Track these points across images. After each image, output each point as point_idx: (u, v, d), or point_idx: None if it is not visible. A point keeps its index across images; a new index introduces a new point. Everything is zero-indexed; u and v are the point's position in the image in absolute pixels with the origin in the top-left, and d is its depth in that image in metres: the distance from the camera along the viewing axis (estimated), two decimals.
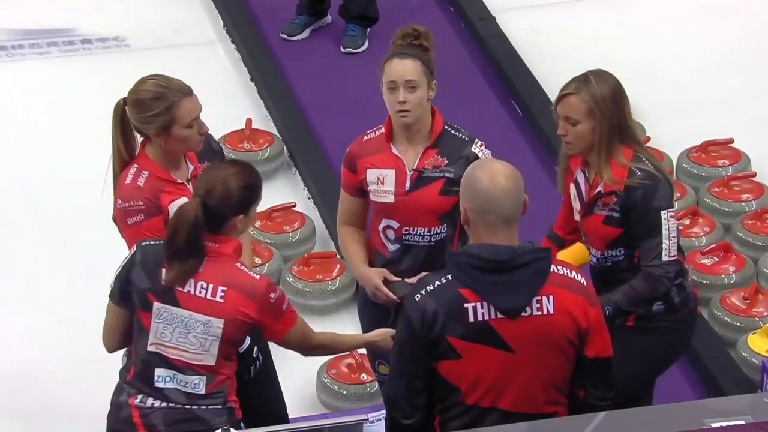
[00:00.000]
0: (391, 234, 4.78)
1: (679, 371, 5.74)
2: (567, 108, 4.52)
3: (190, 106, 4.52)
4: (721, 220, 6.37)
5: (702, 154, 6.66)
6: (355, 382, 5.65)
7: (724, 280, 6.08)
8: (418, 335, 3.98)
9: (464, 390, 4.00)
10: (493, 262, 3.95)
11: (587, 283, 4.08)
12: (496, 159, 4.19)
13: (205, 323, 4.25)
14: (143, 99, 4.52)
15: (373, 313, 4.87)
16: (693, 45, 7.45)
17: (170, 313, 4.25)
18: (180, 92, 4.52)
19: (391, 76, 4.68)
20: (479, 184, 3.98)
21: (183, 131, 4.52)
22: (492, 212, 3.96)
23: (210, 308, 4.25)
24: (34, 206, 6.43)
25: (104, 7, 7.67)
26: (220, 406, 4.32)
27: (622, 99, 4.54)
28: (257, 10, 7.62)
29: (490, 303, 3.95)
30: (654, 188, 4.50)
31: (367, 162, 4.77)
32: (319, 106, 7.04)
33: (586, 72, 4.60)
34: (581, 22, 7.63)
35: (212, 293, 4.24)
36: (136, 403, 4.30)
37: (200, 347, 4.27)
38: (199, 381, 4.29)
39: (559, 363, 4.03)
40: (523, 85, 7.08)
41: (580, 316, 4.01)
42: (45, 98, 7.15)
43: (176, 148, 4.56)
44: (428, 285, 3.99)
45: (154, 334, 4.26)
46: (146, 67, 7.38)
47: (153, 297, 4.25)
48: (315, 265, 6.13)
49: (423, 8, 7.65)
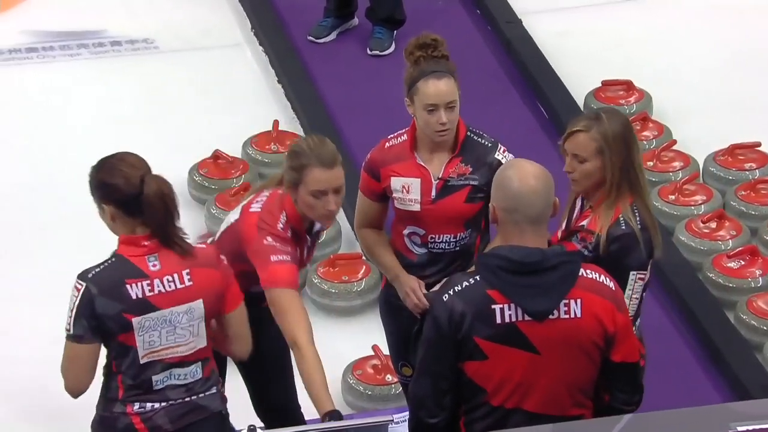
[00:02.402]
0: (417, 239, 4.79)
1: (704, 375, 5.74)
2: (575, 145, 4.48)
3: (320, 177, 4.46)
4: (747, 223, 6.36)
5: (729, 158, 6.65)
6: (380, 383, 5.67)
7: (751, 284, 6.07)
8: (445, 335, 3.99)
9: (490, 391, 4.02)
10: (521, 264, 3.96)
11: (616, 288, 4.08)
12: (527, 160, 4.19)
13: (187, 311, 4.26)
14: (294, 150, 4.56)
15: (394, 313, 4.88)
16: (720, 47, 7.44)
17: (152, 320, 4.24)
18: (318, 159, 4.48)
19: (432, 99, 4.63)
20: (510, 184, 4.00)
21: (307, 197, 4.48)
22: (520, 212, 3.98)
23: (185, 295, 4.26)
24: (63, 207, 6.47)
25: (133, 9, 7.71)
26: (215, 390, 4.37)
27: (632, 140, 4.47)
28: (285, 12, 7.64)
29: (517, 305, 3.97)
30: (630, 248, 4.42)
31: (391, 170, 4.76)
32: (345, 108, 7.06)
33: (598, 110, 4.56)
34: (607, 25, 7.63)
35: (180, 280, 4.25)
36: (135, 410, 4.30)
37: (190, 335, 4.28)
38: (196, 368, 4.32)
39: (585, 366, 4.03)
40: (549, 88, 7.08)
41: (608, 321, 4.01)
42: (75, 100, 7.19)
43: (301, 209, 4.53)
44: (456, 285, 4.01)
45: (143, 347, 4.26)
46: (175, 69, 7.50)
47: (129, 315, 4.23)
48: (341, 266, 6.15)
49: (449, 11, 7.66)
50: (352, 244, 6.34)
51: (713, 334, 5.87)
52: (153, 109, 7.11)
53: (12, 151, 6.86)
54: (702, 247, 6.23)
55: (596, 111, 4.59)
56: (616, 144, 4.43)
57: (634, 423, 3.94)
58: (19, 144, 6.91)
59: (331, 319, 6.07)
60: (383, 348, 5.49)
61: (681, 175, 6.59)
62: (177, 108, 7.06)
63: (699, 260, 6.20)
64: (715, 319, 5.93)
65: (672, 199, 6.42)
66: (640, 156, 4.51)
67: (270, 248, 4.47)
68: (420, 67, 4.66)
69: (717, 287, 6.07)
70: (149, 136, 6.89)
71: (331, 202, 4.50)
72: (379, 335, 5.28)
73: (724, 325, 5.90)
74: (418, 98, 4.65)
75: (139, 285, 4.24)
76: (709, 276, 6.10)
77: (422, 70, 4.65)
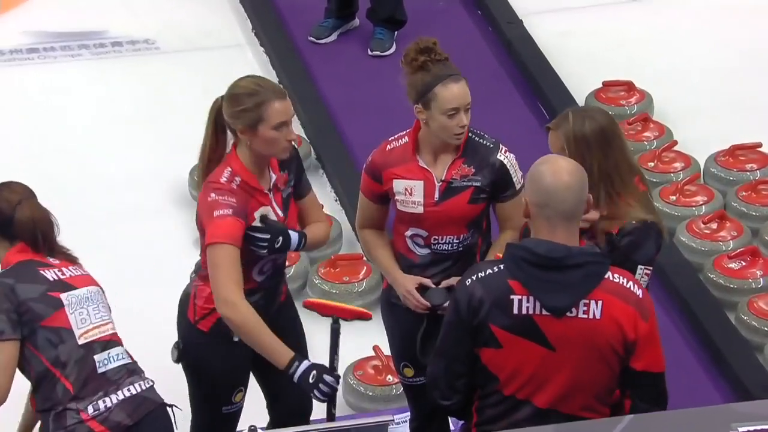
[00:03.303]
0: (419, 241, 4.78)
1: (705, 375, 5.74)
2: (549, 141, 4.47)
3: (280, 108, 4.53)
4: (748, 224, 6.36)
5: (730, 158, 6.65)
6: (381, 384, 5.67)
7: (752, 284, 6.07)
8: (463, 318, 4.02)
9: (502, 380, 4.03)
10: (545, 258, 3.97)
11: (644, 296, 4.04)
12: (562, 156, 4.17)
13: (96, 293, 4.48)
14: (237, 94, 4.56)
15: (395, 314, 4.88)
16: (722, 47, 7.43)
17: (75, 297, 4.41)
18: (273, 93, 4.54)
19: (454, 103, 4.59)
20: (542, 178, 4.00)
21: (270, 132, 4.52)
22: (552, 206, 3.98)
23: (88, 279, 4.49)
24: (66, 207, 6.45)
25: (134, 9, 7.71)
26: (151, 384, 4.46)
27: (606, 142, 4.36)
28: (285, 13, 7.64)
29: (536, 298, 3.97)
30: (640, 243, 4.34)
31: (393, 173, 4.74)
32: (346, 109, 7.06)
33: (570, 109, 4.50)
34: (609, 26, 7.62)
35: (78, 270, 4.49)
36: (90, 414, 4.33)
37: (107, 316, 4.46)
38: (123, 350, 4.45)
39: (601, 370, 4.02)
40: (550, 88, 7.08)
41: (629, 327, 3.99)
42: (76, 100, 7.19)
43: (261, 149, 4.55)
44: (480, 272, 4.04)
45: (77, 325, 4.37)
46: (175, 69, 7.49)
47: (54, 293, 4.39)
48: (342, 266, 6.15)
49: (450, 11, 7.66)
50: (353, 244, 6.34)
51: (714, 335, 5.86)
52: (154, 109, 7.11)
53: (13, 152, 6.85)
54: (703, 247, 6.23)
55: (571, 109, 4.50)
56: (577, 145, 4.35)
57: (636, 423, 3.94)
58: (19, 144, 6.91)
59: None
60: (384, 349, 5.49)
61: (682, 175, 6.59)
62: (178, 108, 7.06)
63: (700, 261, 6.19)
64: (716, 320, 5.93)
65: (673, 200, 6.42)
66: (623, 155, 4.39)
67: (213, 203, 4.50)
68: (432, 72, 4.61)
69: (718, 288, 6.07)
70: (150, 137, 6.90)
71: (292, 131, 4.56)
72: (379, 336, 5.27)
73: (725, 325, 5.90)
74: (436, 103, 4.61)
75: (50, 271, 4.42)
76: (710, 277, 6.10)
77: (437, 75, 4.61)
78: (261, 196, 4.59)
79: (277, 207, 4.63)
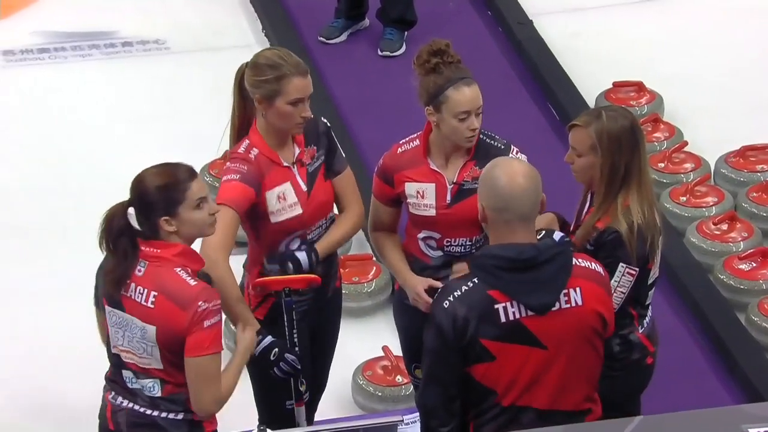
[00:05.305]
0: (432, 243, 4.78)
1: (716, 377, 5.73)
2: (573, 138, 4.49)
3: (299, 84, 4.53)
4: (759, 225, 6.35)
5: (740, 159, 6.64)
6: (390, 384, 5.67)
7: (762, 286, 6.06)
8: (449, 342, 4.00)
9: (500, 391, 4.03)
10: (518, 261, 3.98)
11: (604, 272, 4.14)
12: (514, 158, 4.22)
13: (141, 329, 4.14)
14: (260, 64, 4.57)
15: (408, 315, 4.88)
16: (732, 48, 7.43)
17: (118, 317, 4.19)
18: (295, 68, 4.55)
19: (465, 106, 4.59)
20: (498, 183, 4.02)
21: (285, 107, 4.54)
22: (510, 210, 4.00)
23: (144, 314, 4.13)
24: (76, 207, 6.48)
25: (145, 10, 7.72)
26: (180, 416, 4.19)
27: (631, 142, 4.43)
28: (296, 13, 7.65)
29: (519, 302, 3.99)
30: (618, 246, 4.38)
31: (404, 176, 4.74)
32: (356, 109, 7.07)
33: (605, 107, 4.57)
34: (619, 26, 7.62)
35: (145, 298, 4.12)
36: (110, 398, 4.29)
37: (144, 352, 4.17)
38: (153, 384, 4.19)
39: (590, 355, 4.07)
40: (560, 89, 7.08)
41: (604, 307, 4.08)
42: (86, 100, 7.20)
43: (274, 121, 4.58)
44: (455, 291, 4.02)
45: (112, 336, 4.23)
46: (185, 70, 7.50)
47: (105, 301, 4.22)
48: (351, 267, 6.15)
49: (460, 12, 7.66)
50: (363, 245, 6.34)
51: (724, 336, 5.86)
52: (164, 109, 7.13)
53: (23, 152, 6.87)
54: (713, 248, 6.22)
55: (603, 107, 4.61)
56: (610, 144, 4.42)
57: (645, 425, 3.94)
58: (30, 144, 6.93)
59: (342, 320, 6.07)
60: (393, 349, 5.49)
61: (692, 176, 6.58)
62: (188, 108, 7.07)
63: (710, 262, 6.19)
64: (726, 321, 5.92)
65: (683, 201, 6.42)
66: (643, 158, 4.47)
67: (225, 171, 4.57)
68: (444, 75, 4.61)
69: (728, 289, 6.06)
70: (160, 137, 6.90)
71: (307, 108, 4.58)
72: (389, 336, 5.28)
73: (736, 327, 5.89)
74: (447, 106, 4.60)
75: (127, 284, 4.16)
76: (720, 278, 6.09)
77: (449, 78, 4.60)
78: (278, 171, 4.61)
79: (301, 181, 4.65)
